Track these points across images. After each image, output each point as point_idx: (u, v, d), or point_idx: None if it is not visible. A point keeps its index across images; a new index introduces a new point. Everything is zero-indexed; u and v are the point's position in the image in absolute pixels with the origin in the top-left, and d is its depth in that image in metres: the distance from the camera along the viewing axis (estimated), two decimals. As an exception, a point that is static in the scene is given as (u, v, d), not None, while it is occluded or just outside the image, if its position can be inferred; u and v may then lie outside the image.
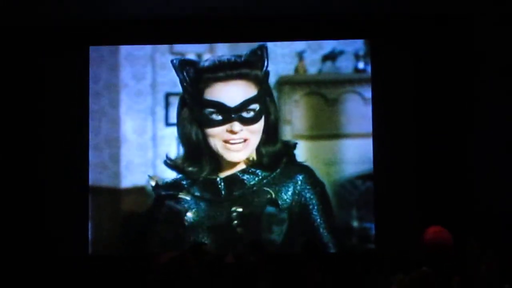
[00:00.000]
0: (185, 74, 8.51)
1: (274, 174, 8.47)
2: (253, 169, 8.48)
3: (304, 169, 8.49)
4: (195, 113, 8.52)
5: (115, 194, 8.68)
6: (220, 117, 8.43)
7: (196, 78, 8.51)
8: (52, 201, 8.54)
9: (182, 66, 8.54)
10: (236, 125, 8.39)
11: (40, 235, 8.47)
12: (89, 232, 8.60)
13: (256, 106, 8.45)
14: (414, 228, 7.00)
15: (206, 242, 7.98)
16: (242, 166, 8.51)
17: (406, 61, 8.54)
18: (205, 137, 8.47)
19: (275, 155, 8.49)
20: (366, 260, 6.75)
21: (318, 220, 8.40)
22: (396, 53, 8.57)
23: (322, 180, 8.48)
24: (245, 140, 8.45)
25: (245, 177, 8.49)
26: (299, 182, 8.47)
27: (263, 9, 8.34)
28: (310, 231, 8.36)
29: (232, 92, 8.48)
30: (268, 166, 8.47)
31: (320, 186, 8.46)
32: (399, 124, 8.49)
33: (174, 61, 8.57)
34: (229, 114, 8.40)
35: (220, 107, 8.42)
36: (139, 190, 8.64)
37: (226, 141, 8.44)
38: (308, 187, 8.46)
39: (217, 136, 8.44)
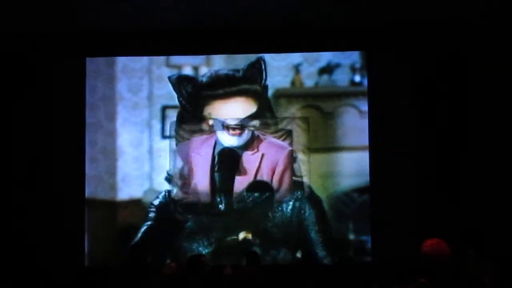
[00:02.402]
0: (183, 90, 8.53)
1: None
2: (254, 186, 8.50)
3: (302, 185, 8.50)
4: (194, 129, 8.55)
5: (112, 206, 8.67)
6: None
7: (194, 94, 8.53)
8: (48, 213, 8.49)
9: (180, 82, 8.55)
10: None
11: (36, 247, 8.42)
12: (85, 245, 8.59)
13: (256, 123, 8.49)
14: (410, 241, 7.01)
15: (204, 253, 7.96)
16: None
17: (402, 74, 8.56)
18: None
19: None
20: (362, 272, 6.76)
21: (314, 234, 8.42)
22: (392, 66, 8.59)
23: (319, 195, 8.50)
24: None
25: (246, 193, 8.49)
26: (299, 197, 8.47)
27: (260, 21, 8.36)
28: (305, 244, 8.40)
29: (232, 110, 8.51)
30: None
31: (318, 202, 8.48)
32: (396, 137, 8.49)
33: (172, 77, 8.59)
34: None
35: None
36: (135, 203, 8.63)
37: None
38: (307, 202, 8.47)
39: None
